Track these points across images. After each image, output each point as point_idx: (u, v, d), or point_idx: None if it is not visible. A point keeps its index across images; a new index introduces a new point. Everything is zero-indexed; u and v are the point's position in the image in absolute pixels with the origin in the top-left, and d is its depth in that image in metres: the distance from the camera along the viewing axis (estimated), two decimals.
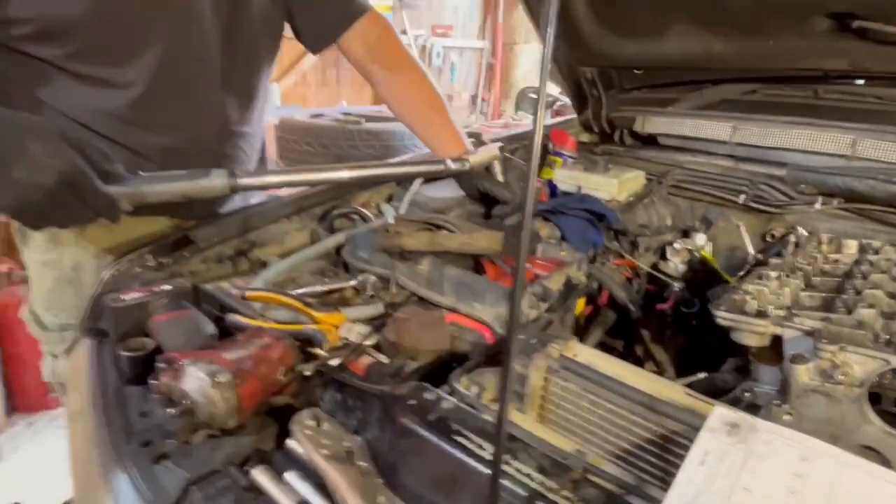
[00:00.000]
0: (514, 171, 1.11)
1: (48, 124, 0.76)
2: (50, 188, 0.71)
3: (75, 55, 0.95)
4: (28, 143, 0.71)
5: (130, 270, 0.87)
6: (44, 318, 1.15)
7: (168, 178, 0.82)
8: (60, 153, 0.72)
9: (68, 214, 0.75)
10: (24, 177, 0.70)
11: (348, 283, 0.89)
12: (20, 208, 0.73)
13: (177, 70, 1.02)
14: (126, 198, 0.79)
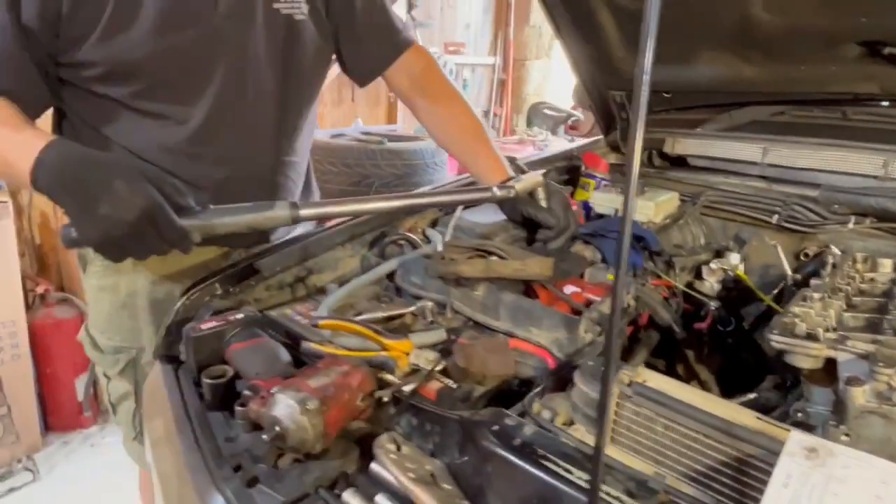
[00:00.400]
0: (557, 195, 1.14)
1: (130, 162, 0.81)
2: (132, 223, 0.76)
3: (140, 94, 1.00)
4: (113, 180, 0.76)
5: (201, 300, 0.91)
6: (99, 340, 1.20)
7: (235, 210, 0.86)
8: (142, 190, 0.77)
9: (146, 247, 0.80)
10: (110, 212, 0.75)
11: (408, 310, 0.93)
12: (104, 242, 0.78)
13: (233, 105, 1.07)
14: (198, 230, 0.84)
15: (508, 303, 0.91)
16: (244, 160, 1.12)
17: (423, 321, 0.93)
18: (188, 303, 0.90)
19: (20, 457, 2.23)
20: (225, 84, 1.04)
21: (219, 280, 0.93)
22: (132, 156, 1.03)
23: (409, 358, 0.78)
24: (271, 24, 1.09)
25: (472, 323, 0.94)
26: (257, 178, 1.15)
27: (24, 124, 0.89)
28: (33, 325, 2.32)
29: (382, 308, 0.97)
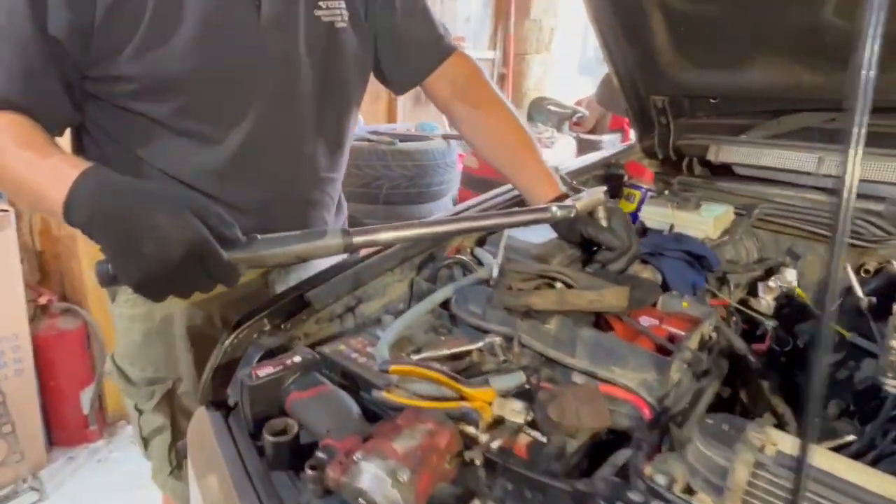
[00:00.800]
0: (618, 214, 1.07)
1: (173, 192, 0.73)
2: (178, 262, 0.67)
3: (178, 111, 0.92)
4: (156, 214, 0.68)
5: (249, 338, 0.83)
6: (130, 372, 1.12)
7: (284, 240, 0.78)
8: (187, 225, 0.69)
9: (191, 285, 0.72)
10: (154, 251, 0.67)
11: (474, 346, 0.85)
12: (147, 283, 0.69)
13: (276, 122, 0.99)
14: (245, 262, 0.76)
15: (587, 339, 0.83)
16: (286, 181, 1.04)
17: (491, 358, 0.85)
18: (235, 342, 0.81)
19: (25, 476, 2.14)
20: (269, 100, 0.96)
21: (267, 315, 0.85)
22: (171, 181, 0.95)
23: (492, 408, 0.70)
24: (313, 34, 1.00)
25: (542, 359, 0.87)
26: (299, 198, 1.08)
27: (50, 147, 0.80)
28: (36, 337, 2.22)
29: (443, 342, 0.89)
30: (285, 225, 1.07)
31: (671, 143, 1.65)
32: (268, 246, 0.77)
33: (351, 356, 0.85)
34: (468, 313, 0.95)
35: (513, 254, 1.12)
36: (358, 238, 0.83)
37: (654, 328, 0.88)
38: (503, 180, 1.25)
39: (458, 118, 1.20)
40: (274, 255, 0.77)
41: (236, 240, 0.75)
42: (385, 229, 0.86)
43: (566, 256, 1.11)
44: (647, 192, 1.42)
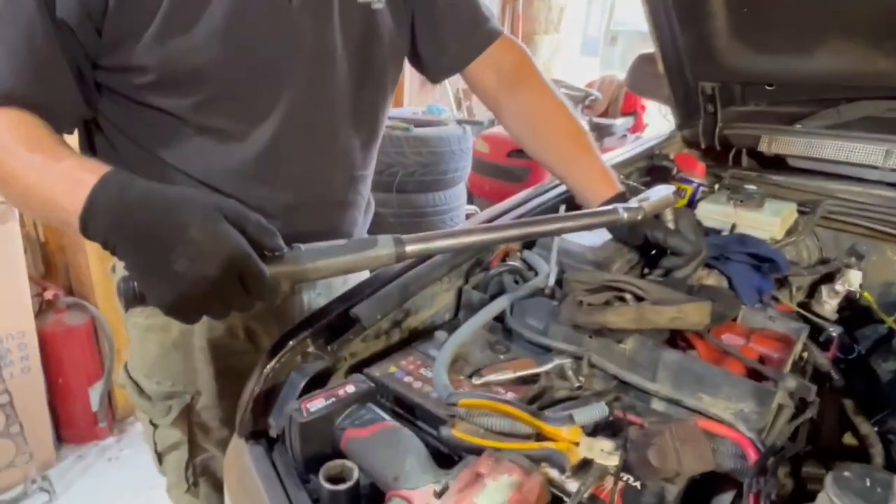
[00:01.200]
0: (686, 216, 0.97)
1: (205, 199, 0.63)
2: (215, 280, 0.58)
3: (202, 106, 0.82)
4: (189, 227, 0.58)
5: (292, 361, 0.74)
6: (146, 386, 1.03)
7: (331, 250, 0.69)
8: (223, 236, 0.59)
9: (229, 304, 0.62)
10: (187, 269, 0.57)
11: (542, 369, 0.76)
12: (180, 304, 0.60)
13: (309, 116, 0.89)
14: (288, 277, 0.67)
15: (670, 362, 0.74)
16: (318, 181, 0.95)
17: (561, 383, 0.77)
18: (277, 366, 0.72)
19: (34, 477, 2.06)
20: (301, 91, 0.86)
21: (311, 335, 0.76)
22: (194, 183, 0.85)
23: (578, 449, 0.62)
24: (348, 17, 0.90)
25: (616, 382, 0.78)
26: (331, 199, 0.98)
27: (62, 149, 0.70)
28: (42, 333, 2.13)
29: (505, 363, 0.81)
30: (315, 229, 0.98)
31: (717, 132, 1.55)
32: (313, 257, 0.68)
33: (404, 380, 0.76)
34: (527, 328, 0.87)
35: (566, 258, 1.02)
36: (412, 247, 0.73)
37: (741, 348, 0.79)
38: (510, 164, 1.15)
39: (504, 110, 1.10)
40: (319, 268, 0.68)
41: (278, 250, 0.65)
42: (440, 237, 0.77)
43: (626, 262, 1.01)
44: (700, 186, 1.32)
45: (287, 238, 0.95)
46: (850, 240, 1.30)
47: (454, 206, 3.17)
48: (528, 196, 1.20)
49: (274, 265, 0.65)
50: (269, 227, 0.65)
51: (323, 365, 0.74)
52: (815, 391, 0.71)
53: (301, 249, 0.68)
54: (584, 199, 1.07)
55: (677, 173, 1.37)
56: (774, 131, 1.42)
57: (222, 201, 0.63)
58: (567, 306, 0.80)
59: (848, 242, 1.30)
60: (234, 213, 0.62)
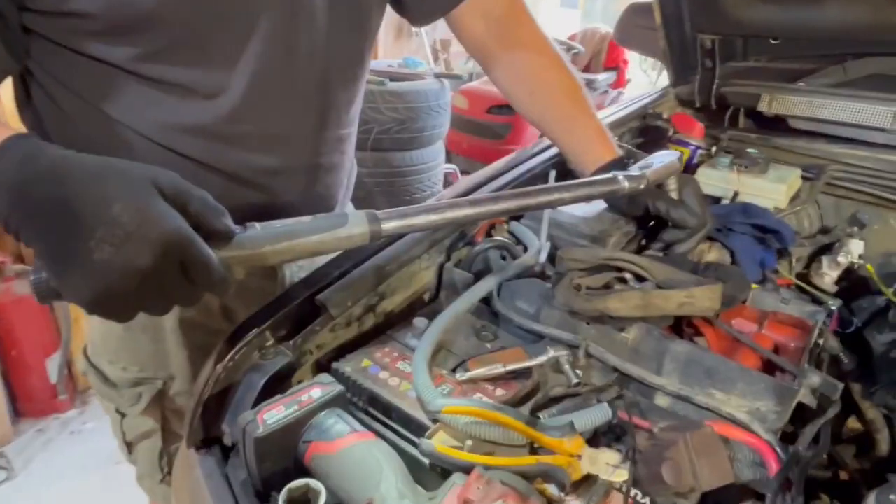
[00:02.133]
0: (691, 185, 0.88)
1: (135, 169, 0.51)
2: (147, 269, 0.47)
3: (155, 56, 0.69)
4: (112, 204, 0.47)
5: (247, 358, 0.64)
6: (109, 372, 0.92)
7: (293, 230, 0.58)
8: (158, 215, 0.48)
9: (168, 298, 0.52)
10: (111, 257, 0.46)
11: (535, 361, 0.68)
12: (104, 300, 0.49)
13: (285, 67, 0.76)
14: (241, 262, 0.56)
15: (678, 353, 0.66)
16: (296, 137, 0.83)
17: (554, 376, 0.68)
18: (231, 364, 0.62)
19: None
20: (272, 38, 0.72)
21: (270, 326, 0.66)
22: (154, 146, 0.72)
23: (581, 463, 0.54)
24: None
25: (616, 375, 0.70)
26: (312, 161, 0.86)
27: None
28: None
29: (493, 354, 0.72)
30: (298, 197, 0.87)
31: (714, 89, 1.44)
32: (271, 238, 0.57)
33: (379, 376, 0.67)
34: (517, 312, 0.77)
35: (558, 231, 0.93)
36: (388, 224, 0.63)
37: (754, 336, 0.72)
38: (490, 120, 1.04)
39: (493, 61, 0.98)
40: (280, 251, 0.57)
41: (227, 232, 0.54)
42: (421, 211, 0.66)
43: (623, 235, 0.92)
44: (697, 149, 1.23)
45: (263, 209, 0.81)
46: (851, 207, 1.23)
47: (432, 165, 3.05)
48: (514, 161, 1.09)
49: (223, 249, 0.54)
50: (215, 205, 0.54)
51: (284, 361, 0.64)
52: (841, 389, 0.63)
53: (257, 229, 0.57)
54: (578, 164, 0.97)
55: (673, 135, 1.27)
56: (776, 89, 1.33)
57: (157, 173, 0.51)
58: (563, 290, 0.71)
59: (849, 210, 1.23)
60: (173, 188, 0.51)
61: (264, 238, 0.56)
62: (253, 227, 0.57)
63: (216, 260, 0.51)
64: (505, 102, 4.19)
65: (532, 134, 4.27)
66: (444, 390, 0.66)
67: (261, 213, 0.85)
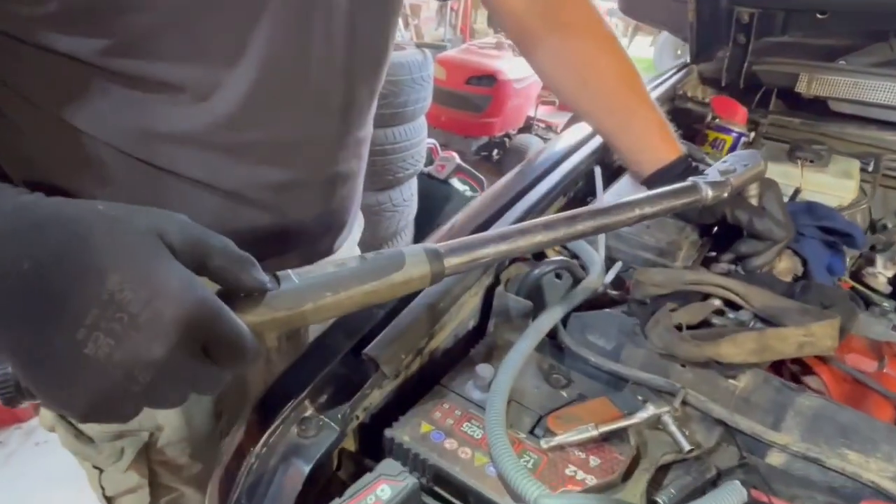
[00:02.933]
0: (773, 190, 0.77)
1: (132, 217, 0.36)
2: (158, 363, 0.33)
3: (131, 48, 0.52)
4: (105, 274, 0.33)
5: (284, 438, 0.50)
6: (84, 426, 0.77)
7: (336, 279, 0.44)
8: (171, 285, 0.34)
9: (185, 389, 0.38)
10: (107, 352, 0.32)
11: (632, 421, 0.56)
12: (100, 409, 0.34)
13: (297, 53, 0.60)
14: (277, 327, 0.42)
15: (806, 408, 0.55)
16: (312, 146, 0.67)
17: (655, 437, 0.57)
18: (264, 451, 0.48)
19: None
20: (283, 22, 0.56)
21: (309, 394, 0.52)
22: (132, 162, 0.56)
23: None
24: None
25: (722, 429, 0.59)
26: (328, 171, 0.71)
27: None
28: None
29: (572, 405, 0.60)
30: (306, 215, 0.72)
31: (745, 68, 1.33)
32: (313, 292, 0.43)
33: (445, 446, 0.54)
34: (591, 350, 0.65)
35: (616, 242, 0.81)
36: (452, 260, 0.50)
37: (878, 377, 0.61)
38: (469, 91, 0.89)
39: (535, 44, 0.83)
40: (324, 306, 0.43)
41: (258, 288, 0.40)
42: (489, 241, 0.53)
43: (691, 246, 0.81)
44: (741, 137, 1.12)
45: (276, 231, 0.67)
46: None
47: (415, 142, 2.87)
48: (545, 161, 0.95)
49: (254, 312, 0.40)
50: (241, 255, 0.39)
51: (332, 438, 0.51)
52: None
53: (293, 280, 0.43)
54: (634, 164, 0.84)
55: (712, 120, 1.16)
56: (816, 69, 1.22)
57: (162, 220, 0.37)
58: (660, 331, 0.59)
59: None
60: (186, 239, 0.36)
61: (304, 293, 0.42)
62: (288, 279, 0.43)
63: (248, 333, 0.37)
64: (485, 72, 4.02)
65: (513, 108, 4.13)
66: (527, 461, 0.54)
67: (266, 236, 0.70)
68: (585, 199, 0.96)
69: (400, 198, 2.83)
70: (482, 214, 0.81)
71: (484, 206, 0.85)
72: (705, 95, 1.44)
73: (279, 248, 0.72)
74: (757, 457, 0.58)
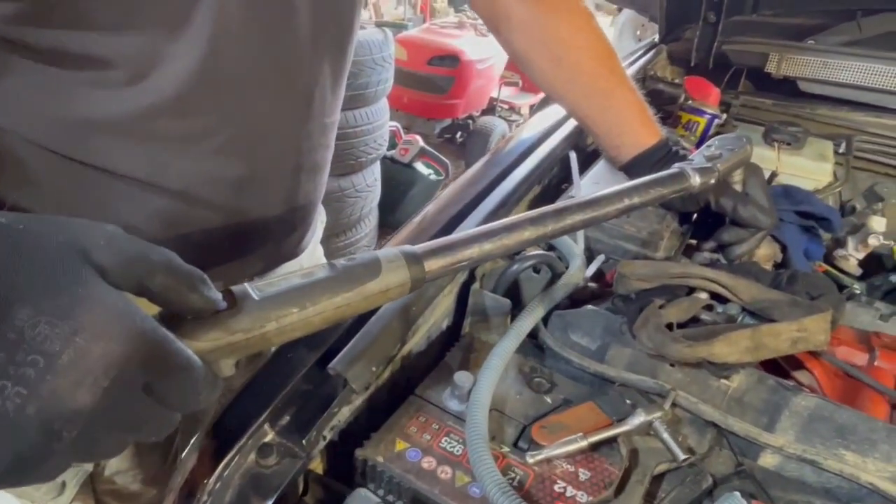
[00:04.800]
0: (756, 176, 0.74)
1: (48, 230, 0.29)
2: (88, 412, 0.27)
3: (47, 16, 0.44)
4: (13, 306, 0.26)
5: (241, 468, 0.44)
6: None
7: (302, 292, 0.38)
8: (101, 316, 0.27)
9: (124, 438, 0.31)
10: (19, 406, 0.26)
11: (622, 429, 0.52)
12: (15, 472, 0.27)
13: (254, 26, 0.53)
14: (234, 353, 0.36)
15: (801, 408, 0.53)
16: (273, 135, 0.60)
17: (647, 443, 0.53)
18: (218, 487, 0.42)
19: None
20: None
21: (269, 416, 0.46)
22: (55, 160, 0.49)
23: None
24: None
25: (714, 431, 0.56)
26: (291, 163, 0.64)
27: None
28: None
29: (557, 416, 0.55)
30: (267, 213, 0.65)
31: (715, 47, 1.30)
32: (276, 309, 0.37)
33: (422, 465, 0.49)
34: (574, 349, 0.61)
35: (596, 232, 0.77)
36: (433, 263, 0.45)
37: (869, 371, 0.59)
38: (431, 72, 0.84)
39: (506, 20, 0.77)
40: (289, 326, 0.37)
41: (209, 308, 0.34)
42: (472, 241, 0.48)
43: (672, 234, 0.77)
44: (714, 119, 1.09)
45: (232, 234, 0.61)
46: (868, 180, 1.14)
47: (378, 125, 2.78)
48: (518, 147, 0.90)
49: (205, 338, 0.34)
50: (188, 270, 0.33)
51: (295, 467, 0.45)
52: None
53: (252, 296, 0.36)
54: (612, 148, 0.80)
55: (685, 101, 1.13)
56: (786, 48, 1.20)
57: (87, 233, 0.30)
58: (650, 331, 0.55)
59: (867, 183, 1.14)
60: (117, 253, 0.30)
61: (265, 310, 0.36)
62: (245, 295, 0.36)
63: (200, 364, 0.31)
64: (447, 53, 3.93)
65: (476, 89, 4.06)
66: (513, 479, 0.49)
67: (221, 240, 0.63)
68: (560, 187, 0.91)
69: (363, 183, 2.75)
70: (455, 205, 0.75)
71: (456, 195, 0.79)
72: (675, 76, 1.42)
73: (236, 253, 0.65)
74: (749, 459, 0.55)
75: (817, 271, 0.89)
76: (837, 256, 1.05)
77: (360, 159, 2.74)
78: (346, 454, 0.51)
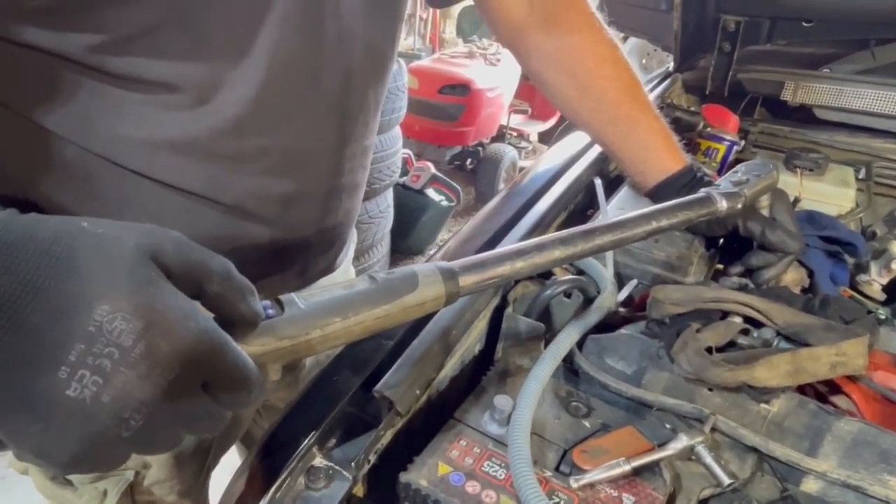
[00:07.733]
0: (783, 201, 0.75)
1: (120, 234, 0.31)
2: (153, 403, 0.29)
3: (125, 44, 0.47)
4: (91, 302, 0.28)
5: (291, 490, 0.44)
6: None
7: (344, 302, 0.40)
8: (168, 314, 0.29)
9: (182, 432, 0.33)
10: (94, 394, 0.27)
11: (664, 454, 0.52)
12: (84, 459, 0.29)
13: (307, 54, 0.56)
14: (281, 358, 0.37)
15: (845, 433, 0.53)
16: (318, 155, 0.63)
17: (689, 469, 0.53)
18: None
19: None
20: (293, 18, 0.52)
21: (316, 440, 0.46)
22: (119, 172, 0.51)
23: None
24: None
25: (755, 457, 0.56)
26: (332, 183, 0.67)
27: None
28: None
29: (598, 440, 0.56)
30: (308, 230, 0.68)
31: (730, 76, 1.33)
32: (319, 318, 0.38)
33: (467, 490, 0.50)
34: (610, 374, 0.62)
35: (624, 257, 0.78)
36: (467, 279, 0.47)
37: None
38: (442, 101, 0.86)
39: (532, 49, 0.79)
40: (332, 334, 0.39)
41: (254, 318, 0.35)
42: (505, 258, 0.50)
43: (700, 258, 0.78)
44: (733, 146, 1.11)
45: (277, 248, 0.63)
46: (888, 206, 1.15)
47: (391, 153, 2.83)
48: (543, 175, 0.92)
49: (257, 342, 0.36)
50: (242, 281, 0.35)
51: (345, 488, 0.46)
52: None
53: (298, 305, 0.38)
54: (637, 174, 0.82)
55: (704, 129, 1.14)
56: (801, 77, 1.22)
57: (156, 237, 0.32)
58: (689, 355, 0.56)
59: (886, 209, 1.15)
60: (182, 261, 0.32)
61: (310, 318, 0.38)
62: (292, 303, 0.38)
63: (254, 366, 0.33)
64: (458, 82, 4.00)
65: (486, 117, 4.12)
66: (557, 502, 0.49)
67: (267, 254, 0.66)
68: (586, 213, 0.93)
69: (376, 209, 2.78)
70: (482, 235, 0.76)
71: (479, 226, 0.81)
72: (690, 104, 1.44)
73: (279, 265, 0.68)
74: (791, 484, 0.55)
75: (840, 294, 0.90)
76: (861, 282, 1.06)
77: (373, 186, 2.77)
78: (385, 477, 0.51)
